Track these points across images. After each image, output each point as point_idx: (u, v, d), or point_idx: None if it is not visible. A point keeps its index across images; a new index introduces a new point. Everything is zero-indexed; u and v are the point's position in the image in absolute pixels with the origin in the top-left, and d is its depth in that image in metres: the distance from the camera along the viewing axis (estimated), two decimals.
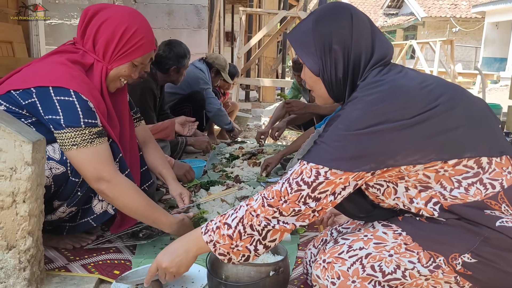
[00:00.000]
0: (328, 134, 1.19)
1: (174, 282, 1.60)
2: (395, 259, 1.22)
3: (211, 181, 2.93)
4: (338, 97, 1.33)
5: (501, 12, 16.14)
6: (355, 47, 1.26)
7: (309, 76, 1.34)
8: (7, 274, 1.44)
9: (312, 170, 1.18)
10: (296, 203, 1.19)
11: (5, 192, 1.40)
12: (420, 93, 1.20)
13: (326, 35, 1.27)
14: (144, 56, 1.77)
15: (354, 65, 1.26)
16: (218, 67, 4.26)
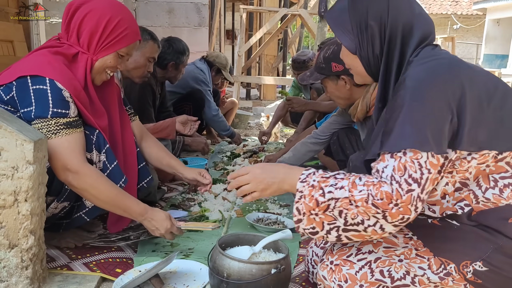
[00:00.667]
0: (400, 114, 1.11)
1: (175, 280, 1.60)
2: (405, 265, 1.19)
3: (213, 179, 2.92)
4: (376, 75, 1.31)
5: (502, 9, 16.09)
6: (392, 22, 1.24)
7: (346, 55, 1.34)
8: (10, 273, 1.44)
9: (414, 161, 1.10)
10: (408, 207, 1.09)
11: (7, 191, 1.40)
12: (482, 73, 1.20)
13: (362, 12, 1.26)
14: (129, 46, 1.77)
15: (390, 41, 1.25)
16: (219, 66, 4.25)
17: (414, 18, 1.26)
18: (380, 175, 1.13)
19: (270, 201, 2.56)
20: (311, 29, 7.11)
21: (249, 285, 1.38)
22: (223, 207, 2.41)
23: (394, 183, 1.10)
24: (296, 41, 10.71)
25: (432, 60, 1.19)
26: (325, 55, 2.28)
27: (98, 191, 1.62)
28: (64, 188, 1.67)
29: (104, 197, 1.63)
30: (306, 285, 1.63)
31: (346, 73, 2.23)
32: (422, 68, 1.17)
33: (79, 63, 1.70)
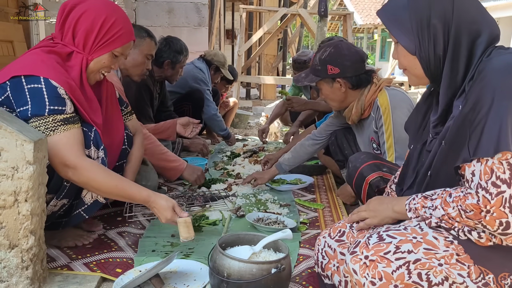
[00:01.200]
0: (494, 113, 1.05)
1: (175, 280, 1.60)
2: (445, 270, 1.14)
3: (213, 179, 2.93)
4: (434, 77, 1.25)
5: (501, 8, 16.10)
6: (457, 21, 1.17)
7: (404, 55, 1.26)
8: (10, 273, 1.45)
9: (502, 162, 1.05)
10: (501, 210, 1.05)
11: (7, 191, 1.40)
12: None
13: (423, 9, 1.19)
14: (123, 46, 1.79)
15: (456, 40, 1.18)
16: (217, 64, 4.24)
17: (481, 17, 1.20)
18: (469, 185, 1.12)
19: (270, 201, 2.56)
20: (310, 28, 7.12)
21: (249, 285, 1.38)
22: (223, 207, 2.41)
23: (480, 191, 1.08)
24: (295, 41, 10.72)
25: (510, 54, 1.15)
26: (321, 57, 2.27)
27: (99, 184, 1.64)
28: (63, 185, 1.68)
29: (105, 189, 1.66)
30: (307, 284, 1.63)
31: (342, 76, 2.24)
32: (503, 63, 1.11)
33: (74, 62, 1.71)
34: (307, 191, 2.85)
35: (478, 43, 1.18)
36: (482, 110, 1.08)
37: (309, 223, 2.27)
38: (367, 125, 2.35)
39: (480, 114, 1.08)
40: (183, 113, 3.83)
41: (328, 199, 2.68)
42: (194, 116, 3.81)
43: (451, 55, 1.19)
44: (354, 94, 2.29)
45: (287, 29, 9.72)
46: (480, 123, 1.08)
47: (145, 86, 3.15)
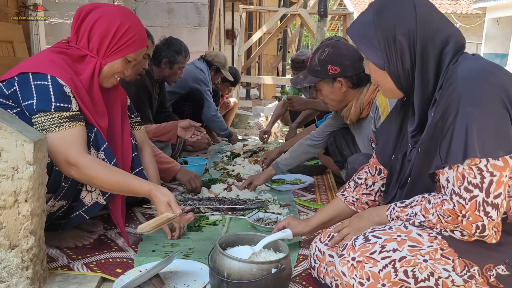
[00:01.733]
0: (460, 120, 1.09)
1: (176, 280, 1.60)
2: (430, 265, 1.17)
3: (213, 179, 2.93)
4: (406, 89, 1.28)
5: (502, 8, 16.09)
6: (422, 34, 1.21)
7: (374, 71, 1.30)
8: (10, 273, 1.45)
9: (472, 168, 1.09)
10: (476, 214, 1.09)
11: (7, 191, 1.40)
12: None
13: (388, 26, 1.23)
14: (137, 52, 1.81)
15: (422, 54, 1.21)
16: (217, 65, 4.24)
17: (445, 27, 1.23)
18: (445, 191, 1.16)
19: (270, 201, 2.56)
20: (310, 28, 7.12)
21: (249, 285, 1.38)
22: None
23: (454, 197, 1.12)
24: (295, 41, 10.72)
25: (477, 60, 1.19)
26: (320, 57, 2.26)
27: (100, 181, 1.66)
28: (61, 186, 1.69)
29: (107, 186, 1.69)
30: (307, 284, 1.63)
31: (343, 76, 2.23)
32: (467, 70, 1.15)
33: (88, 65, 1.74)
34: (307, 191, 2.85)
35: (445, 53, 1.22)
36: (449, 118, 1.12)
37: None
38: (365, 125, 2.35)
39: (448, 121, 1.12)
40: (183, 113, 3.83)
41: (328, 199, 2.68)
42: (194, 116, 3.83)
43: (420, 68, 1.22)
44: (353, 93, 2.29)
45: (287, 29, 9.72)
46: (449, 131, 1.12)
47: (143, 87, 3.14)
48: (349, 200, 1.58)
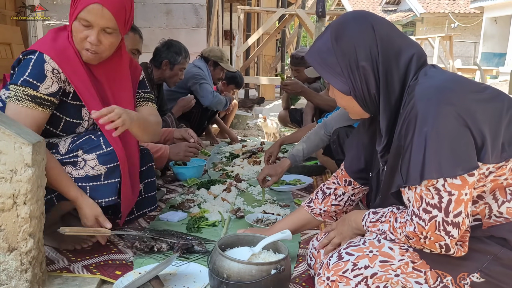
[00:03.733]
0: (417, 140, 1.08)
1: (175, 282, 1.60)
2: (402, 280, 1.18)
3: (212, 180, 2.93)
4: (373, 110, 1.26)
5: (499, 7, 16.12)
6: (384, 57, 1.18)
7: (340, 97, 1.27)
8: (9, 276, 1.44)
9: (429, 188, 1.09)
10: (437, 233, 1.09)
11: (5, 194, 1.40)
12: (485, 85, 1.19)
13: (350, 52, 1.19)
14: (85, 10, 1.62)
15: (386, 75, 1.19)
16: (214, 59, 4.22)
17: (405, 44, 1.21)
18: (407, 211, 1.17)
19: (270, 202, 2.56)
20: (309, 29, 7.12)
21: (249, 286, 1.38)
22: (222, 208, 2.41)
23: (414, 218, 1.12)
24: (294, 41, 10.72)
25: (436, 76, 1.16)
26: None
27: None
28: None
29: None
30: (306, 286, 1.63)
31: None
32: (425, 89, 1.13)
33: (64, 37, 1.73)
34: (306, 191, 2.85)
35: (408, 71, 1.20)
36: (408, 137, 1.11)
37: None
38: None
39: (406, 141, 1.12)
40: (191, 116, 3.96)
41: None
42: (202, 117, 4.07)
43: (384, 91, 1.20)
44: None
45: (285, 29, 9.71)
46: (407, 151, 1.11)
47: None
48: (316, 212, 1.60)
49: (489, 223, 1.17)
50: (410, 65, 1.20)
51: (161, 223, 2.18)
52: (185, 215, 2.30)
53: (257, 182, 2.90)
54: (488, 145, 1.08)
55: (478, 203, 1.18)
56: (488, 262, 1.14)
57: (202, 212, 2.33)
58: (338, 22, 1.25)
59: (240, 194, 2.70)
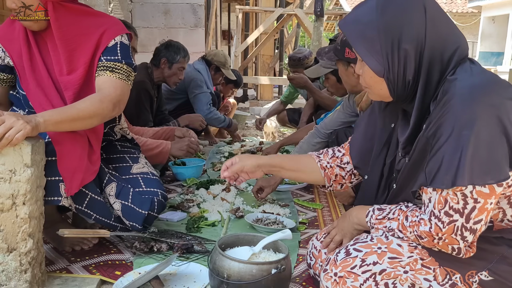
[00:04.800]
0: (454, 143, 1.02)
1: (175, 282, 1.60)
2: (411, 277, 1.16)
3: (211, 180, 2.92)
4: (400, 97, 1.17)
5: (497, 6, 16.14)
6: (430, 45, 1.08)
7: (370, 76, 1.17)
8: (8, 276, 1.44)
9: (456, 193, 1.05)
10: (453, 237, 1.08)
11: (4, 194, 1.39)
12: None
13: (395, 31, 1.08)
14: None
15: (430, 64, 1.10)
16: (217, 64, 4.21)
17: (452, 35, 1.12)
18: (424, 209, 1.14)
19: (269, 201, 2.56)
20: (307, 28, 7.13)
21: (249, 286, 1.38)
22: (222, 207, 2.41)
23: (433, 219, 1.10)
24: (292, 41, 10.71)
25: (477, 74, 1.10)
26: (343, 38, 2.26)
27: None
28: None
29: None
30: (307, 285, 1.62)
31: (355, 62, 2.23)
32: (466, 88, 1.05)
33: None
34: (305, 191, 2.85)
35: (449, 63, 1.11)
36: (442, 137, 1.05)
37: (308, 223, 2.26)
38: None
39: (440, 141, 1.06)
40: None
41: (327, 199, 2.68)
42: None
43: (425, 79, 1.11)
44: None
45: (284, 29, 9.71)
46: (439, 151, 1.06)
47: (145, 91, 3.15)
48: (323, 164, 1.50)
49: (500, 226, 1.17)
50: (453, 57, 1.11)
51: (161, 223, 2.17)
52: (185, 215, 2.29)
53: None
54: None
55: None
56: (496, 261, 1.13)
57: (201, 212, 2.33)
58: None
59: (240, 193, 2.70)
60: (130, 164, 1.96)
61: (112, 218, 1.78)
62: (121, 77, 1.74)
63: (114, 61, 1.74)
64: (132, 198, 1.81)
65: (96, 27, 1.76)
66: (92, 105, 1.58)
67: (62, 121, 1.48)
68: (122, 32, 1.80)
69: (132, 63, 1.81)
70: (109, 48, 1.75)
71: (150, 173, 1.96)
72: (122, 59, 1.76)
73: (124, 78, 1.76)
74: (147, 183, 1.90)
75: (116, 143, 2.06)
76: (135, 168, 1.95)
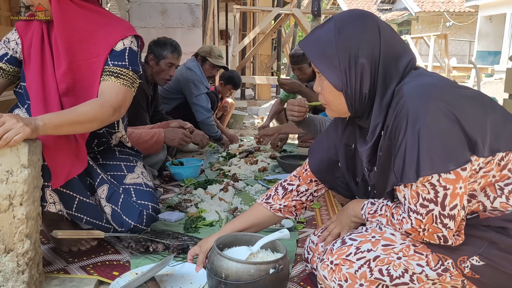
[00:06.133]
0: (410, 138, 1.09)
1: (171, 283, 1.59)
2: (403, 262, 1.20)
3: (209, 180, 2.92)
4: (358, 112, 1.26)
5: (494, 6, 16.18)
6: (385, 61, 1.18)
7: (329, 91, 1.25)
8: (6, 277, 1.43)
9: (425, 184, 1.11)
10: (434, 226, 1.12)
11: (1, 195, 1.39)
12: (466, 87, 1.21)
13: (352, 47, 1.18)
14: None
15: (385, 80, 1.19)
16: (203, 54, 4.13)
17: (402, 49, 1.23)
18: (403, 208, 1.19)
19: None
20: (304, 28, 7.12)
21: (247, 286, 1.38)
22: (220, 207, 2.41)
23: (411, 214, 1.15)
24: (290, 41, 10.71)
25: (421, 76, 1.20)
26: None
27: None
28: None
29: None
30: (305, 285, 1.63)
31: None
32: (414, 88, 1.15)
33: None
34: None
35: (404, 75, 1.21)
36: (400, 135, 1.12)
37: (306, 222, 2.27)
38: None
39: (399, 139, 1.13)
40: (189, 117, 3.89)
41: (325, 198, 2.68)
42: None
43: (381, 93, 1.21)
44: None
45: (281, 29, 9.72)
46: (400, 149, 1.12)
47: (141, 91, 3.12)
48: (276, 208, 1.58)
49: (485, 215, 1.21)
50: (407, 69, 1.21)
51: (159, 223, 2.17)
52: (183, 215, 2.29)
53: (254, 182, 2.92)
54: (478, 138, 1.10)
55: (471, 202, 1.20)
56: (486, 246, 1.17)
57: (199, 212, 2.33)
58: (343, 15, 1.24)
59: (238, 193, 2.69)
60: (124, 173, 1.93)
61: (104, 220, 1.78)
62: (125, 84, 1.75)
63: (120, 67, 1.75)
64: (121, 204, 1.79)
65: (102, 25, 1.76)
66: (92, 110, 1.59)
67: (62, 125, 1.49)
68: (128, 34, 1.79)
69: (138, 70, 1.81)
70: (117, 53, 1.76)
71: (144, 184, 1.92)
72: (129, 66, 1.77)
73: (128, 84, 1.77)
74: (139, 195, 1.86)
75: (116, 148, 2.04)
76: (128, 178, 1.92)
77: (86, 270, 1.69)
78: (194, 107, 3.89)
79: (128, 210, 1.79)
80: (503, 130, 1.16)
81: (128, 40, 1.79)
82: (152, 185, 1.97)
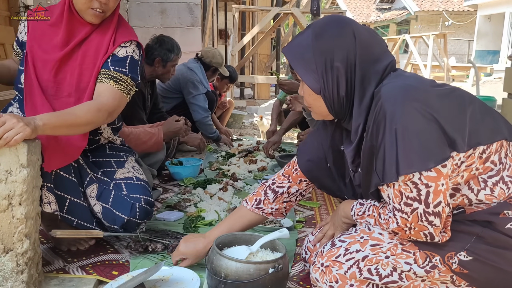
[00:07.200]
0: (388, 138, 1.12)
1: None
2: (392, 261, 1.22)
3: (208, 179, 2.92)
4: (339, 114, 1.30)
5: (493, 5, 16.20)
6: (362, 64, 1.21)
7: (309, 94, 1.29)
8: (5, 277, 1.43)
9: (407, 183, 1.13)
10: (420, 224, 1.14)
11: (0, 195, 1.39)
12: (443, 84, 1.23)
13: (327, 52, 1.22)
14: None
15: (363, 83, 1.22)
16: (216, 66, 4.18)
17: (384, 55, 1.25)
18: (389, 207, 1.21)
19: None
20: (303, 27, 7.12)
21: (247, 285, 1.38)
22: (219, 207, 2.41)
23: (397, 213, 1.17)
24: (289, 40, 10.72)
25: (399, 77, 1.22)
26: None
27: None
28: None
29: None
30: (304, 284, 1.63)
31: None
32: (392, 89, 1.17)
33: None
34: None
35: (383, 77, 1.23)
36: (379, 136, 1.14)
37: (306, 222, 2.27)
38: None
39: (378, 140, 1.15)
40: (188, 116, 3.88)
41: (324, 197, 2.68)
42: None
43: (359, 94, 1.23)
44: None
45: (280, 28, 9.72)
46: (380, 149, 1.14)
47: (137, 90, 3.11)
48: (267, 212, 1.60)
49: (472, 209, 1.22)
50: (386, 70, 1.24)
51: (158, 223, 2.17)
52: (182, 214, 2.29)
53: (254, 181, 2.92)
54: (457, 134, 1.12)
55: (455, 196, 1.22)
56: (473, 241, 1.18)
57: (198, 212, 2.33)
58: (320, 22, 1.29)
59: (237, 193, 2.69)
60: (114, 169, 1.92)
61: (94, 223, 1.78)
62: (122, 90, 1.79)
63: (120, 73, 1.79)
64: (112, 201, 1.78)
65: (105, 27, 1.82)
66: (90, 113, 1.63)
67: (61, 126, 1.52)
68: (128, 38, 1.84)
69: (137, 79, 1.85)
70: (119, 58, 1.81)
71: (135, 178, 1.90)
72: (128, 73, 1.81)
73: (125, 91, 1.81)
74: (130, 189, 1.84)
75: (106, 145, 2.03)
76: (118, 173, 1.91)
77: (85, 269, 1.69)
78: (192, 107, 3.89)
79: (119, 204, 1.78)
80: (482, 124, 1.18)
81: (130, 48, 1.84)
82: (144, 178, 1.95)
